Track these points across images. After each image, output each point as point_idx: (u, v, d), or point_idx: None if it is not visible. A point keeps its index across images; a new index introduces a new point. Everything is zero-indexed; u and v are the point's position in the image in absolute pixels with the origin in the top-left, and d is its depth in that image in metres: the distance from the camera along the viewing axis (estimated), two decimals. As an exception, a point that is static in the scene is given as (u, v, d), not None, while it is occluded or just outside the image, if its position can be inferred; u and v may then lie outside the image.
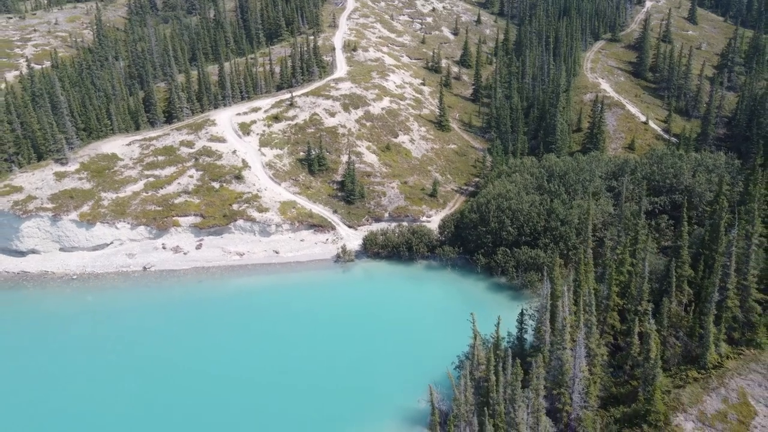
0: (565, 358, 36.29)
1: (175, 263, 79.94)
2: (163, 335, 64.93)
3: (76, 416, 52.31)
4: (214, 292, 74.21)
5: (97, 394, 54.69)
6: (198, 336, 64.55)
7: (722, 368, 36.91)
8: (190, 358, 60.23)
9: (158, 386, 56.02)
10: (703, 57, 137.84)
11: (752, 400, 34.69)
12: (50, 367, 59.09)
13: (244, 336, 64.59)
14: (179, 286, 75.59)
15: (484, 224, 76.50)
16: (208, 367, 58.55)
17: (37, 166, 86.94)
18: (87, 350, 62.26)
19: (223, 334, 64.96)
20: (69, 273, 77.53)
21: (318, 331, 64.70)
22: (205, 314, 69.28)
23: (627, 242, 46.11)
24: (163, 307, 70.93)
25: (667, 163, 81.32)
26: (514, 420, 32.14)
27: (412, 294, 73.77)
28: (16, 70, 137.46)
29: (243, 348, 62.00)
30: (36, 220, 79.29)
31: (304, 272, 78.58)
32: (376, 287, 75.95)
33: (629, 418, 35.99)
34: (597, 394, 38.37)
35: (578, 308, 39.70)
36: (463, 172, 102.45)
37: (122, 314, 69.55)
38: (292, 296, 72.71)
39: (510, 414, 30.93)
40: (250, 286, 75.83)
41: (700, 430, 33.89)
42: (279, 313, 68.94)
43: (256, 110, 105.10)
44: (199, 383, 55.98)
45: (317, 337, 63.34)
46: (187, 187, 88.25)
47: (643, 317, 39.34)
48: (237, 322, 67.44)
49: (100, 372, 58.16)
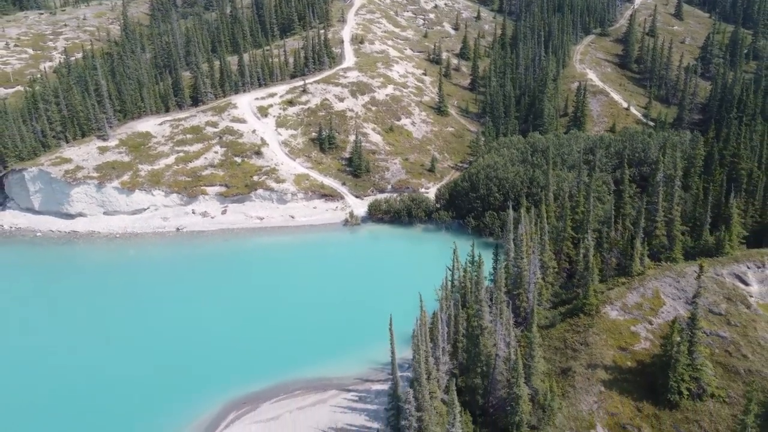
0: (523, 267, 47.19)
1: (204, 225, 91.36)
2: (195, 280, 76.41)
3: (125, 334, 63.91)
4: (238, 248, 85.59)
5: (140, 323, 66.29)
6: (225, 281, 75.96)
7: (643, 275, 47.77)
8: (218, 296, 71.61)
9: (194, 319, 67.27)
10: (687, 50, 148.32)
11: (663, 296, 45.42)
12: (103, 303, 70.73)
13: (265, 281, 75.92)
14: (208, 244, 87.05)
15: (474, 191, 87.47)
16: (235, 305, 69.85)
17: (82, 142, 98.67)
18: (131, 289, 74.02)
19: (246, 279, 76.37)
20: (112, 233, 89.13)
21: (329, 277, 75.96)
22: (231, 264, 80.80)
23: (582, 188, 56.89)
24: (195, 259, 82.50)
25: (637, 140, 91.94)
26: (480, 311, 43.02)
27: (411, 250, 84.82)
28: (50, 61, 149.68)
29: (264, 289, 73.27)
30: (83, 187, 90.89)
31: (316, 233, 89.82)
32: (379, 245, 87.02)
33: (570, 312, 46.88)
34: (548, 298, 49.27)
35: (537, 234, 50.67)
36: (459, 152, 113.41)
37: (160, 264, 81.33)
38: (305, 251, 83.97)
39: (476, 294, 41.80)
40: (269, 243, 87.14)
41: (621, 316, 44.77)
42: (294, 264, 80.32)
43: (272, 95, 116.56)
44: (229, 316, 67.23)
45: (328, 282, 74.57)
46: (213, 161, 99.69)
47: (587, 242, 50.13)
48: (258, 270, 78.94)
49: (144, 307, 69.81)
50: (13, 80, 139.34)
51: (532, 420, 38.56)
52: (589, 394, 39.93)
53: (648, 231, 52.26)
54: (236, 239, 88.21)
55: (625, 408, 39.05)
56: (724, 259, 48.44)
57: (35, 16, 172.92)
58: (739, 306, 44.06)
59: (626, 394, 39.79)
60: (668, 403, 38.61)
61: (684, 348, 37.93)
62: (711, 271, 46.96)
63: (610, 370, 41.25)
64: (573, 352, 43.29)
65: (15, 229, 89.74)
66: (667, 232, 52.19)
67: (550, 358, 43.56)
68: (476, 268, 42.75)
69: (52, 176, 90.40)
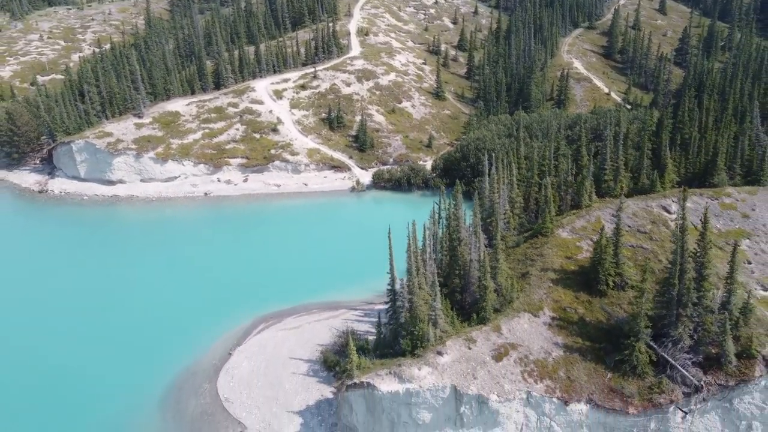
0: (495, 200, 59.68)
1: (228, 191, 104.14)
2: (224, 233, 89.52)
3: (172, 274, 76.95)
4: (260, 209, 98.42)
5: (183, 265, 79.33)
6: (250, 233, 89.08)
7: (590, 207, 60.22)
8: (245, 245, 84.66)
9: (227, 261, 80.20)
10: (668, 42, 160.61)
11: (603, 221, 57.72)
12: (147, 249, 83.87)
13: (283, 233, 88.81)
14: (233, 206, 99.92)
15: (465, 160, 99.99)
16: (260, 251, 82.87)
17: (120, 119, 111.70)
18: (170, 239, 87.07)
19: (267, 232, 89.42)
20: (149, 197, 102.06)
21: (338, 230, 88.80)
22: (254, 221, 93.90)
23: (547, 144, 69.16)
24: (223, 217, 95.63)
25: (609, 116, 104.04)
26: (458, 227, 55.54)
27: (409, 210, 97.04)
28: (80, 52, 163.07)
29: (283, 239, 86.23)
30: (123, 157, 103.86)
31: (327, 198, 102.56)
32: (381, 206, 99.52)
33: (532, 235, 59.37)
34: (515, 226, 61.78)
35: (508, 176, 63.24)
36: (454, 131, 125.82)
37: (193, 221, 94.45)
38: (318, 211, 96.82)
39: (455, 213, 54.32)
40: (286, 205, 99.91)
41: (570, 236, 57.20)
42: (309, 220, 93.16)
43: (286, 81, 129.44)
44: (255, 259, 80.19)
45: (338, 234, 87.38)
46: (235, 137, 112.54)
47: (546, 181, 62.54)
48: (277, 225, 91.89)
49: (183, 252, 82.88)
50: (48, 69, 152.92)
51: (496, 305, 51.10)
52: (540, 289, 52.40)
53: (598, 177, 64.80)
54: (257, 202, 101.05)
55: (566, 297, 51.52)
56: (655, 195, 60.81)
57: (64, 11, 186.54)
58: (661, 227, 56.46)
59: (568, 288, 52.25)
60: (598, 292, 51.01)
61: (610, 250, 50.41)
62: (642, 204, 59.39)
63: (558, 272, 53.72)
64: (531, 261, 55.83)
65: (64, 193, 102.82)
66: (613, 177, 64.66)
67: (513, 267, 56.05)
68: (456, 200, 55.33)
69: (96, 147, 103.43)
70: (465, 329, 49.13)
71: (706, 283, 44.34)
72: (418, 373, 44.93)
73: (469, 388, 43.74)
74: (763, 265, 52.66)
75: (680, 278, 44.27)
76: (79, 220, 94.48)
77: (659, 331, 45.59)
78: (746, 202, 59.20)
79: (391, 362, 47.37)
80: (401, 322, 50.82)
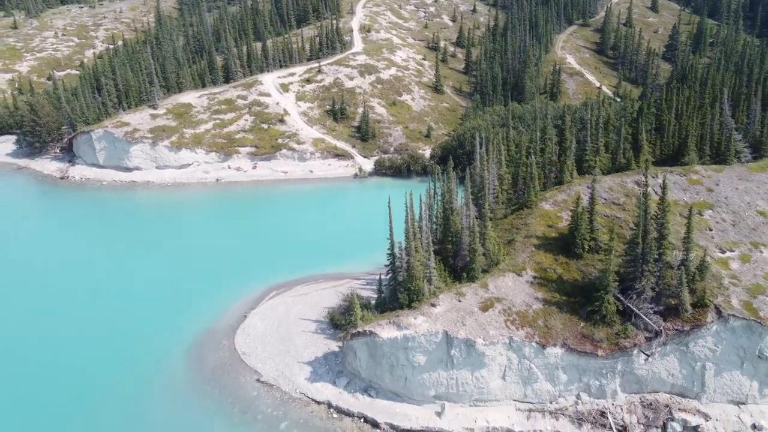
0: (485, 176, 66.05)
1: (238, 177, 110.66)
2: (235, 213, 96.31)
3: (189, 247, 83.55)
4: (268, 193, 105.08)
5: (200, 240, 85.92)
6: (259, 214, 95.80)
7: (571, 183, 66.59)
8: (256, 224, 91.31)
9: (239, 237, 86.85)
10: (659, 39, 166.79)
11: (582, 195, 64.01)
12: (165, 228, 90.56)
13: (291, 213, 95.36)
14: (243, 190, 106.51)
15: (461, 148, 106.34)
16: (270, 229, 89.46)
17: (136, 110, 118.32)
18: (186, 219, 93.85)
19: (275, 213, 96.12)
20: (164, 182, 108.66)
21: (343, 211, 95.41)
22: (263, 204, 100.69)
23: (533, 128, 75.43)
24: (234, 200, 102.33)
25: (596, 107, 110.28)
26: (450, 198, 61.89)
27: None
28: (93, 48, 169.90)
29: (291, 219, 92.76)
30: (140, 145, 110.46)
31: (331, 183, 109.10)
32: (383, 190, 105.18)
33: (518, 207, 65.75)
34: (503, 200, 68.22)
35: (497, 156, 69.61)
36: (451, 122, 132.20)
37: (205, 204, 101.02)
38: (324, 194, 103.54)
39: (448, 185, 60.75)
40: (293, 190, 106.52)
41: (551, 207, 63.52)
42: (315, 203, 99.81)
43: (292, 75, 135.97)
44: (265, 236, 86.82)
45: (342, 214, 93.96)
46: (244, 127, 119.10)
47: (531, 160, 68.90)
48: (285, 207, 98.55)
49: (199, 230, 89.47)
50: (64, 64, 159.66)
51: (484, 266, 57.48)
52: (524, 252, 58.76)
53: (580, 157, 71.19)
54: (266, 187, 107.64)
55: (546, 259, 57.85)
56: (630, 172, 67.02)
57: (77, 9, 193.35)
58: (633, 200, 62.60)
59: (549, 252, 58.56)
60: (575, 255, 57.29)
61: (585, 217, 56.77)
62: (618, 180, 65.67)
63: (540, 239, 60.07)
64: (516, 230, 62.19)
65: (85, 179, 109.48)
66: (594, 157, 71.03)
67: (500, 235, 62.37)
68: (449, 176, 61.81)
69: (115, 136, 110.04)
70: (456, 286, 55.55)
71: (666, 242, 50.67)
72: (414, 322, 51.36)
73: (458, 333, 50.15)
74: (723, 232, 58.89)
75: (643, 238, 50.63)
76: (100, 202, 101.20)
77: (626, 285, 51.94)
78: (711, 178, 65.45)
79: (390, 314, 53.81)
80: (400, 281, 57.20)
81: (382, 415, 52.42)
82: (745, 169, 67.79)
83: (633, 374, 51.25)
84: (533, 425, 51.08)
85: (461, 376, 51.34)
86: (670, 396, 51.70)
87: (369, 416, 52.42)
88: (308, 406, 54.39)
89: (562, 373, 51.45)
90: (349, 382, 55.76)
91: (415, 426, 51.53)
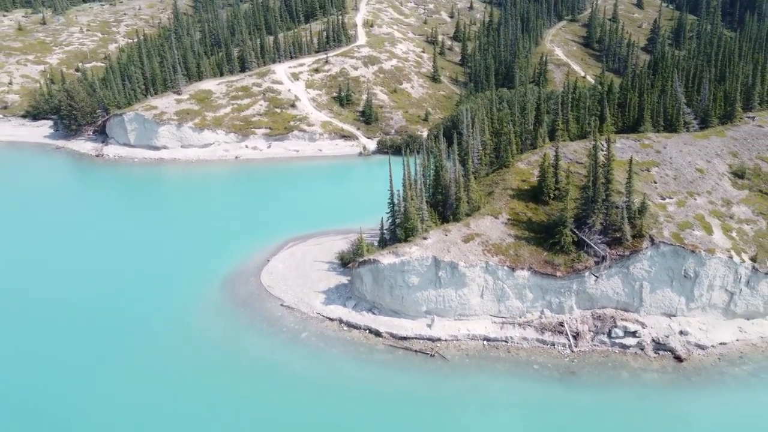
0: (470, 141, 78.49)
1: (255, 155, 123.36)
2: (254, 184, 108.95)
3: (217, 210, 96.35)
4: (283, 168, 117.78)
5: (226, 205, 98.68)
6: (274, 184, 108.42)
7: (543, 147, 79.00)
8: (273, 192, 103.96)
9: (260, 201, 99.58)
10: (642, 33, 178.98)
11: (550, 154, 76.46)
12: (194, 196, 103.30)
13: (304, 184, 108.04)
14: (259, 166, 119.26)
15: (455, 128, 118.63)
16: (286, 195, 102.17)
17: (162, 95, 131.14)
18: (212, 189, 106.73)
19: (289, 183, 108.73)
20: (189, 159, 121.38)
21: (349, 182, 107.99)
22: (278, 177, 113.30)
23: (515, 103, 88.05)
24: (253, 174, 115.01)
25: (578, 92, 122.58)
26: (440, 158, 74.28)
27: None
28: (115, 42, 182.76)
29: (304, 188, 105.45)
30: (167, 126, 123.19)
31: (339, 160, 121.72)
32: (384, 166, 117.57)
33: (498, 167, 78.27)
34: (486, 162, 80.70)
35: (480, 126, 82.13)
36: (448, 108, 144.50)
37: (227, 177, 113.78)
38: (333, 169, 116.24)
39: (438, 148, 73.13)
40: (305, 165, 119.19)
41: (525, 166, 75.93)
42: (325, 176, 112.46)
43: (302, 65, 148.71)
44: (282, 201, 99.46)
45: (349, 184, 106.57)
46: (259, 111, 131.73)
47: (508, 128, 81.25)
48: (298, 179, 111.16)
49: (223, 197, 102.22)
50: (89, 57, 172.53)
51: (467, 211, 69.90)
52: (501, 201, 71.13)
53: (553, 127, 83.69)
54: (280, 163, 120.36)
55: (519, 205, 70.17)
56: (592, 138, 79.43)
57: (98, 7, 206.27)
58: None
59: (522, 200, 70.89)
60: (543, 202, 69.59)
61: (551, 170, 69.14)
62: (582, 144, 78.03)
63: (515, 191, 72.41)
64: (495, 184, 74.57)
65: (118, 157, 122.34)
66: (564, 127, 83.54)
67: (482, 189, 74.79)
68: (439, 142, 74.36)
69: (145, 118, 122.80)
70: (444, 225, 68.04)
71: (611, 185, 63.10)
72: (409, 250, 63.87)
73: (444, 257, 62.61)
74: (665, 184, 71.12)
75: (594, 183, 63.09)
76: (135, 176, 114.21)
77: (580, 221, 64.34)
78: (660, 143, 77.71)
79: (390, 247, 66.35)
80: (398, 223, 69.74)
81: (383, 327, 64.94)
82: (690, 137, 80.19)
83: (585, 293, 63.66)
84: (505, 333, 63.55)
85: (447, 294, 63.82)
86: (615, 310, 64.08)
87: (373, 328, 64.97)
88: (323, 322, 66.98)
89: (528, 292, 63.89)
90: (356, 304, 68.33)
91: (410, 335, 64.05)
